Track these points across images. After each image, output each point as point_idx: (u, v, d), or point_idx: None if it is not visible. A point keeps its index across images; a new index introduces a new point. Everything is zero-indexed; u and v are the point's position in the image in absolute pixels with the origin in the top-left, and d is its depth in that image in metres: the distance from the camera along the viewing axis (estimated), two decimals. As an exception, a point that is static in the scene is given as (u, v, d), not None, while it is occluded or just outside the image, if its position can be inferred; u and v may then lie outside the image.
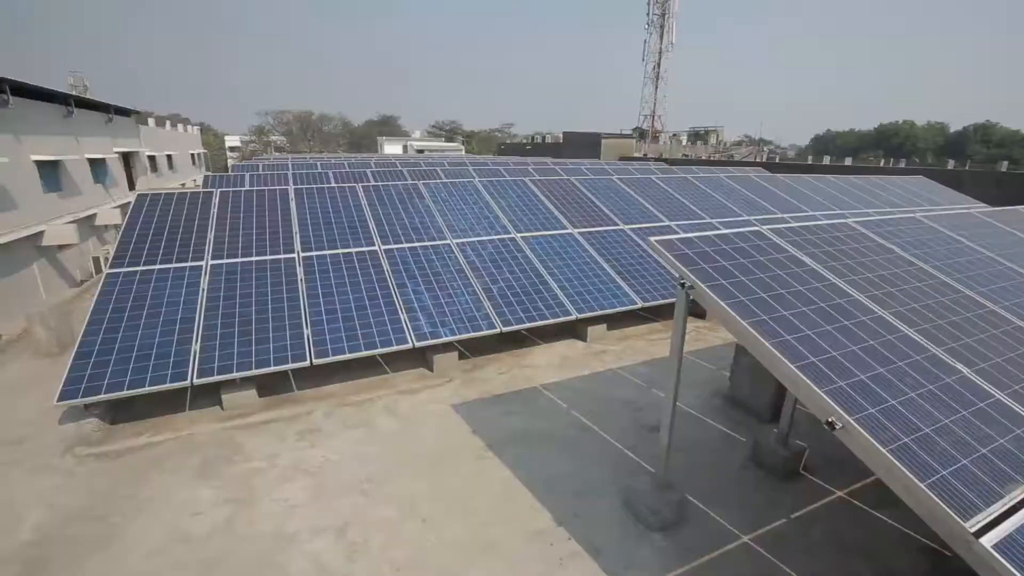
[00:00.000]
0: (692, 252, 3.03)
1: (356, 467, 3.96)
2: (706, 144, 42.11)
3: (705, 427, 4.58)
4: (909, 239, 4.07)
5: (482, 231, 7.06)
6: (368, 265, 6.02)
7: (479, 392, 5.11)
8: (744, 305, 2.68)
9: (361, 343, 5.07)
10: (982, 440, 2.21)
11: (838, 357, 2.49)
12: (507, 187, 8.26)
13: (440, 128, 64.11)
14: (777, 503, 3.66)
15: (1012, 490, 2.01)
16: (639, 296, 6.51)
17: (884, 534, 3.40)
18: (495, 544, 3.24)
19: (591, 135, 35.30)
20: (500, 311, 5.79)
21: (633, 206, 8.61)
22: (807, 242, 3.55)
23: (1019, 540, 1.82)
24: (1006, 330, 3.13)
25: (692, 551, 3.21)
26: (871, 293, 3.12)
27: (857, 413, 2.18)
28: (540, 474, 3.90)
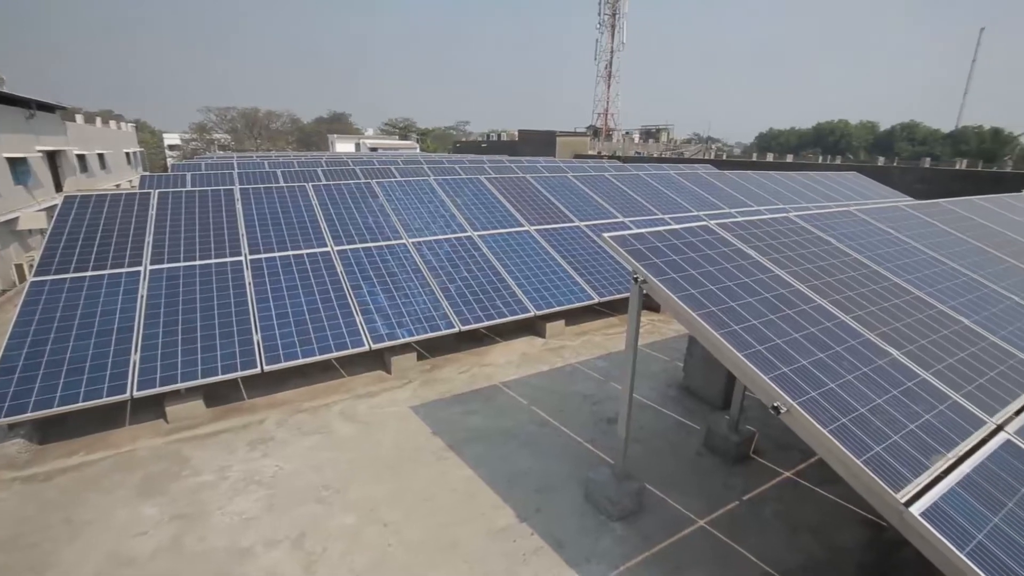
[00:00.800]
0: (644, 247, 3.10)
1: (312, 475, 3.84)
2: (657, 142, 43.26)
3: (661, 417, 4.71)
4: (844, 231, 4.31)
5: (438, 230, 6.99)
6: (320, 267, 5.85)
7: (439, 392, 5.06)
8: (694, 297, 2.77)
9: (315, 347, 4.92)
10: (910, 416, 2.37)
11: (782, 345, 2.61)
12: (463, 185, 8.22)
13: (393, 126, 62.98)
14: (730, 486, 3.81)
15: (936, 461, 2.17)
16: (596, 292, 6.62)
17: (828, 510, 3.60)
18: (458, 544, 3.22)
19: (547, 133, 35.60)
20: (458, 310, 5.76)
21: (588, 203, 8.74)
22: (752, 235, 3.70)
23: (943, 507, 1.96)
24: (930, 314, 3.37)
25: (651, 538, 3.30)
26: (811, 283, 3.29)
27: (800, 397, 2.29)
28: (502, 472, 3.90)
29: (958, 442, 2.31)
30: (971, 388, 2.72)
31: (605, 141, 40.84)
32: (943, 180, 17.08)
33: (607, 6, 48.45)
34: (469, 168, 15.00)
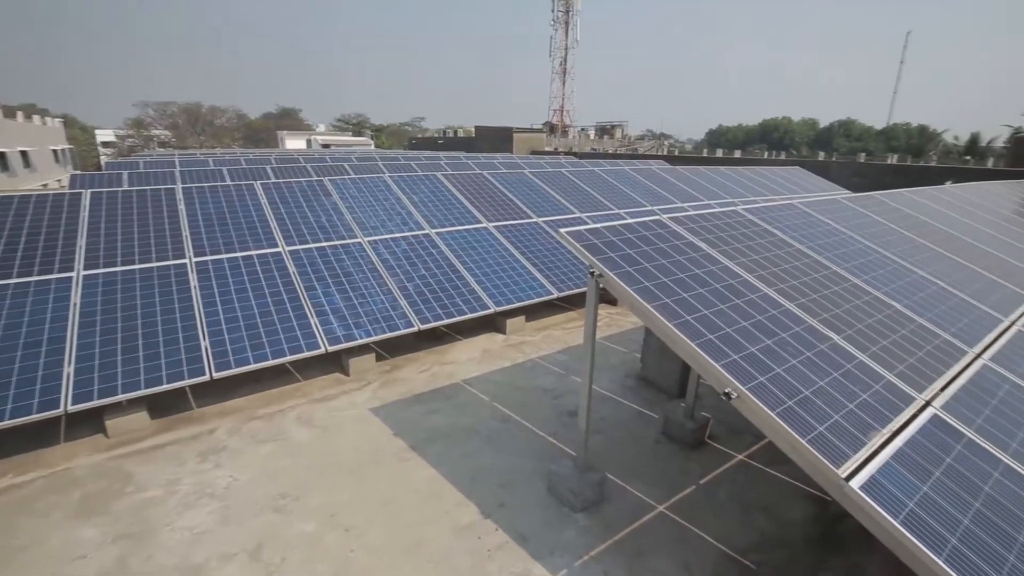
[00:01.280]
0: (600, 242, 3.15)
1: (269, 484, 3.72)
2: (612, 138, 44.03)
3: (620, 407, 4.81)
4: (788, 223, 4.52)
5: (395, 228, 6.88)
6: (272, 268, 5.64)
7: (399, 393, 4.99)
8: (648, 290, 2.84)
9: (268, 351, 4.75)
10: (849, 396, 2.52)
11: (732, 333, 2.71)
12: (419, 182, 8.11)
13: (346, 122, 61.39)
14: (687, 472, 3.94)
15: (872, 437, 2.31)
16: (555, 287, 6.68)
17: (778, 488, 3.78)
18: (422, 544, 3.19)
19: (503, 129, 35.57)
20: (417, 309, 5.69)
21: (546, 199, 8.80)
22: (703, 228, 3.82)
23: (879, 480, 2.09)
24: (866, 300, 3.58)
25: (613, 526, 3.37)
26: (758, 273, 3.43)
27: (749, 383, 2.39)
28: (465, 469, 3.89)
29: (891, 418, 2.47)
30: (902, 368, 2.91)
31: (561, 137, 41.23)
32: (876, 174, 18.18)
33: (560, 3, 48.79)
34: (425, 165, 14.83)
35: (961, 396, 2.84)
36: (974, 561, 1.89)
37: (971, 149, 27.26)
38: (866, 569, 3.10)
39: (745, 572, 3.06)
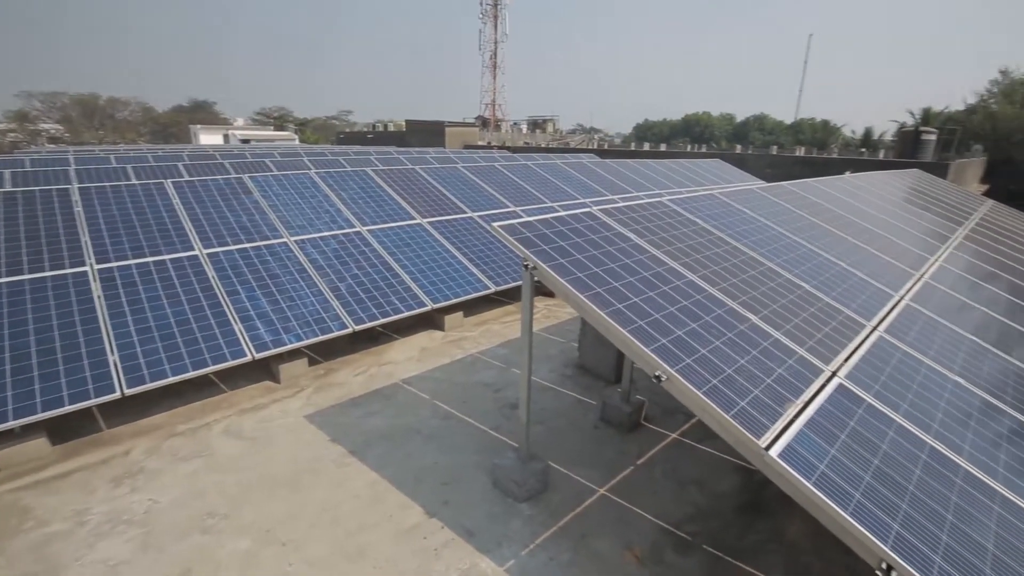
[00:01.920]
0: (533, 235, 3.18)
1: (195, 503, 3.47)
2: (544, 132, 44.59)
3: (560, 396, 4.91)
4: (709, 213, 4.77)
5: (323, 226, 6.60)
6: (188, 273, 5.25)
7: (335, 397, 4.82)
8: (581, 281, 2.91)
9: (188, 362, 4.42)
10: (766, 372, 2.71)
11: (660, 319, 2.83)
12: (348, 178, 7.83)
13: (267, 115, 58.10)
14: (625, 453, 4.09)
15: (787, 408, 2.50)
16: (492, 281, 6.69)
17: (709, 463, 4.01)
18: (366, 551, 3.11)
19: (435, 123, 35.05)
20: (351, 309, 5.50)
21: (480, 194, 8.78)
22: (631, 220, 3.96)
23: (794, 447, 2.27)
24: (780, 282, 3.86)
25: (558, 513, 3.44)
26: (683, 261, 3.60)
27: (677, 365, 2.51)
28: (407, 470, 3.83)
29: (804, 390, 2.68)
30: (812, 343, 3.17)
31: (494, 131, 41.25)
32: (787, 165, 19.63)
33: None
34: (354, 160, 14.34)
35: (861, 366, 3.13)
36: (874, 512, 2.09)
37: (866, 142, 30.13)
38: (787, 529, 3.37)
39: (682, 544, 3.22)
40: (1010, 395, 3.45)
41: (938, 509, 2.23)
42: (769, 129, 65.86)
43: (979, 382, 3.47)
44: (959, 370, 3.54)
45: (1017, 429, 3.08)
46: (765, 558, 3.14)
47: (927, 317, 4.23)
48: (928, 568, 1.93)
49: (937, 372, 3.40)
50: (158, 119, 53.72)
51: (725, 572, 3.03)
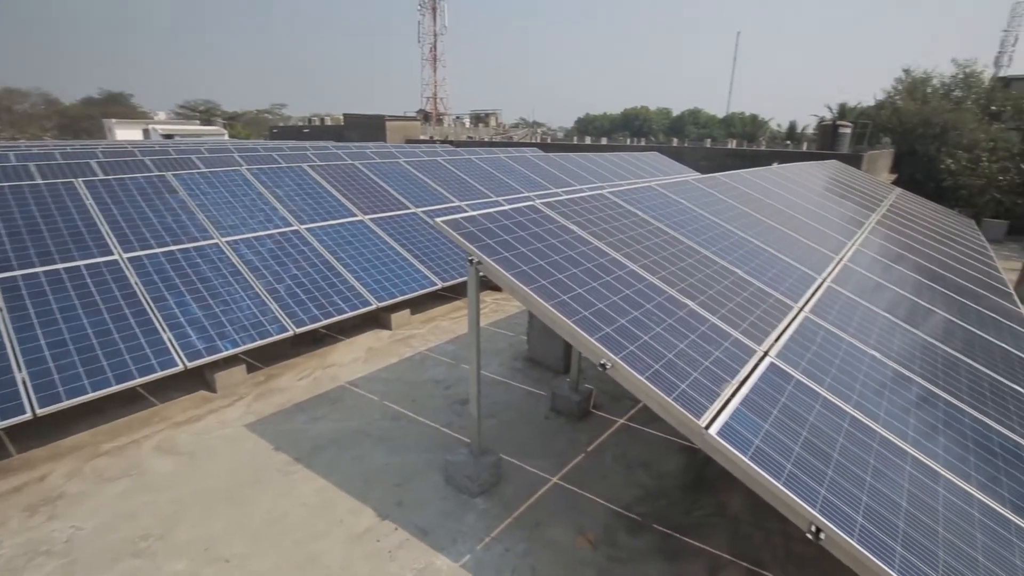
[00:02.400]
0: (477, 229, 3.16)
1: (125, 526, 3.24)
2: (487, 126, 44.48)
3: (511, 389, 4.94)
4: (648, 204, 4.92)
5: (257, 226, 6.29)
6: (107, 279, 4.86)
7: (277, 404, 4.62)
8: (526, 274, 2.93)
9: (110, 376, 4.10)
10: (704, 355, 2.84)
11: (604, 308, 2.90)
12: (283, 175, 7.49)
13: (192, 109, 54.54)
14: (576, 441, 4.17)
15: (724, 388, 2.63)
16: (438, 277, 6.62)
17: (655, 445, 4.16)
18: (316, 559, 3.02)
19: (375, 117, 34.08)
20: (291, 311, 5.28)
21: (423, 189, 8.64)
22: (573, 212, 4.02)
23: (732, 424, 2.39)
24: (715, 269, 4.04)
25: (512, 505, 3.47)
26: (624, 251, 3.70)
27: (621, 352, 2.58)
28: (357, 474, 3.73)
29: (739, 370, 2.83)
30: (745, 325, 3.34)
31: (436, 125, 40.70)
32: (720, 157, 20.54)
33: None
34: (290, 156, 13.74)
35: (790, 345, 3.34)
36: (804, 480, 2.24)
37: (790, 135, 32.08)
38: (729, 502, 3.55)
39: (633, 525, 3.33)
40: (918, 365, 3.80)
41: (859, 473, 2.42)
42: (703, 123, 68.81)
43: (891, 355, 3.79)
44: (874, 344, 3.85)
45: (924, 396, 3.39)
46: (710, 532, 3.30)
47: (846, 297, 4.56)
48: (851, 527, 2.10)
49: (856, 347, 3.68)
50: (65, 112, 49.22)
51: (674, 548, 3.17)
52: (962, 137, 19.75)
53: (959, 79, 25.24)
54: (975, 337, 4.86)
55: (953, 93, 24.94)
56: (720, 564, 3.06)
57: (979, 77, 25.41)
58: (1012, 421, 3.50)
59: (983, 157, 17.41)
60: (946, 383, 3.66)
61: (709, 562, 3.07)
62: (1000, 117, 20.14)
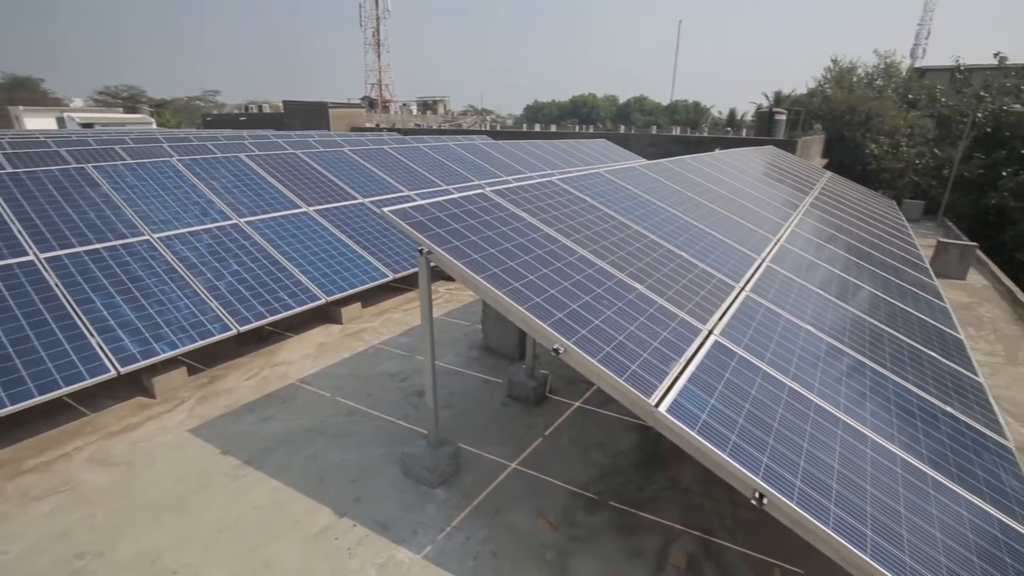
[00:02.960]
0: (426, 219, 3.11)
1: (57, 546, 3.02)
2: (435, 113, 43.71)
3: (467, 378, 4.93)
4: (596, 191, 5.00)
5: (192, 220, 5.94)
6: (22, 282, 4.47)
7: (223, 406, 4.42)
8: (477, 262, 2.91)
9: (32, 387, 3.79)
10: (653, 336, 2.93)
11: (555, 294, 2.93)
12: (219, 166, 7.09)
13: (114, 95, 50.56)
14: (533, 426, 4.23)
15: (672, 367, 2.73)
16: (389, 268, 6.49)
17: (610, 425, 4.28)
18: (272, 563, 2.93)
19: (317, 104, 32.76)
20: (233, 309, 5.05)
21: (371, 178, 8.41)
22: (523, 200, 4.03)
23: (680, 401, 2.49)
24: (662, 252, 4.17)
25: (472, 493, 3.48)
26: (574, 237, 3.75)
27: (573, 337, 2.63)
28: (312, 473, 3.64)
29: (685, 349, 2.94)
30: (691, 306, 3.47)
31: (383, 113, 39.62)
32: (665, 144, 21.10)
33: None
34: (226, 145, 13.02)
35: (733, 323, 3.50)
36: (747, 450, 2.37)
37: (730, 122, 33.33)
38: (680, 476, 3.71)
39: (590, 504, 3.42)
40: (848, 338, 4.07)
41: (796, 440, 2.58)
42: (649, 110, 70.42)
43: (824, 329, 4.05)
44: (809, 320, 4.09)
45: (854, 366, 3.64)
46: (664, 505, 3.44)
47: (784, 276, 4.82)
48: (790, 491, 2.24)
49: (793, 323, 3.90)
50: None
51: (630, 523, 3.28)
52: (884, 124, 21.16)
53: (880, 69, 26.96)
54: (897, 309, 5.26)
55: (876, 82, 26.63)
56: (673, 535, 3.20)
57: (898, 67, 27.25)
58: (928, 384, 3.83)
59: (902, 142, 18.74)
60: (872, 353, 3.95)
61: (663, 533, 3.21)
62: (916, 105, 21.68)
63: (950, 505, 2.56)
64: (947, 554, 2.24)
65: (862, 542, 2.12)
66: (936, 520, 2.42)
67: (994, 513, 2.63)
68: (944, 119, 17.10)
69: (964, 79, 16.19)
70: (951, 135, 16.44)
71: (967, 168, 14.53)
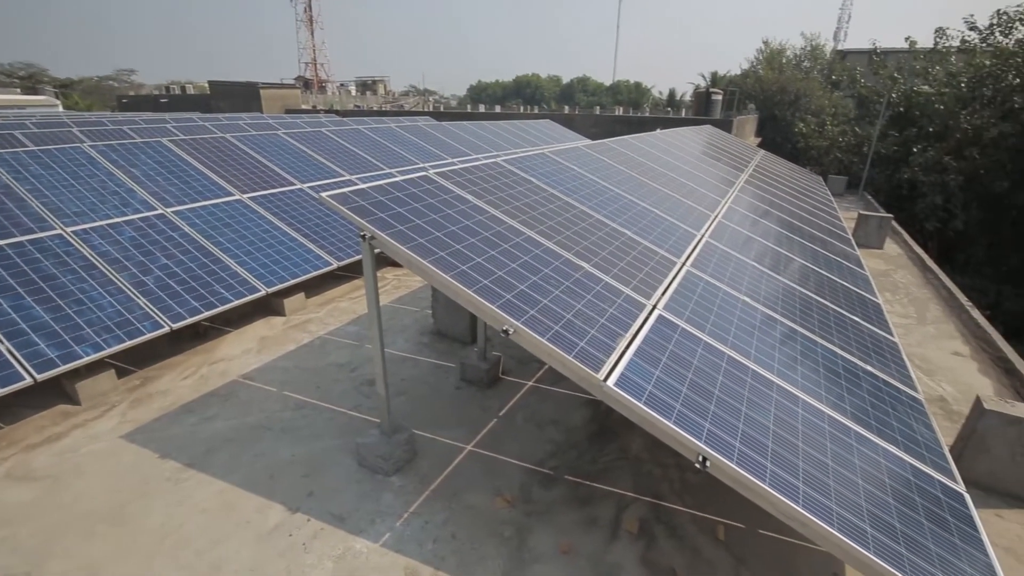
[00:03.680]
0: (367, 203, 3.02)
1: (-26, 569, 2.78)
2: (375, 94, 42.25)
3: (419, 364, 4.89)
4: (542, 171, 5.01)
5: (112, 211, 5.50)
6: (-88, 285, 4.00)
7: (160, 408, 4.18)
8: (423, 246, 2.86)
9: (-68, 400, 3.43)
10: (600, 312, 2.99)
11: (503, 276, 2.93)
12: (139, 152, 6.57)
13: (9, 75, 45.52)
14: (488, 408, 4.26)
15: (619, 342, 2.81)
16: (333, 256, 6.28)
17: (562, 402, 4.37)
18: (222, 566, 2.82)
19: (247, 85, 30.85)
20: (164, 305, 4.74)
21: (309, 163, 8.06)
22: (468, 181, 3.98)
23: (627, 375, 2.57)
24: (607, 231, 4.25)
25: (428, 478, 3.47)
26: (520, 218, 3.75)
27: (522, 317, 2.64)
28: (261, 470, 3.52)
29: (631, 324, 3.03)
30: (636, 282, 3.57)
31: (319, 94, 37.88)
32: (608, 124, 21.38)
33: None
34: (146, 130, 12.08)
35: (675, 297, 3.63)
36: (691, 417, 2.49)
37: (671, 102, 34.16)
38: (630, 445, 3.85)
39: (546, 479, 3.50)
40: (780, 307, 4.32)
41: (735, 405, 2.73)
42: (592, 90, 71.06)
43: (759, 299, 4.27)
44: (745, 291, 4.31)
45: (787, 333, 3.88)
46: (616, 475, 3.57)
47: (722, 251, 5.04)
48: (730, 452, 2.37)
49: (731, 295, 4.09)
50: None
51: (585, 495, 3.38)
52: (811, 104, 22.34)
53: (807, 51, 28.34)
54: (824, 278, 5.63)
55: (803, 64, 27.99)
56: (626, 502, 3.33)
57: (822, 50, 28.73)
58: (851, 346, 4.14)
59: (827, 122, 19.88)
60: (803, 320, 4.22)
61: (616, 502, 3.33)
62: (839, 86, 23.02)
63: (870, 455, 2.80)
64: (868, 498, 2.45)
65: (795, 494, 2.29)
66: (859, 469, 2.64)
67: (907, 459, 2.90)
68: (863, 99, 18.27)
69: (880, 62, 17.30)
70: (870, 114, 17.61)
71: (883, 145, 15.63)
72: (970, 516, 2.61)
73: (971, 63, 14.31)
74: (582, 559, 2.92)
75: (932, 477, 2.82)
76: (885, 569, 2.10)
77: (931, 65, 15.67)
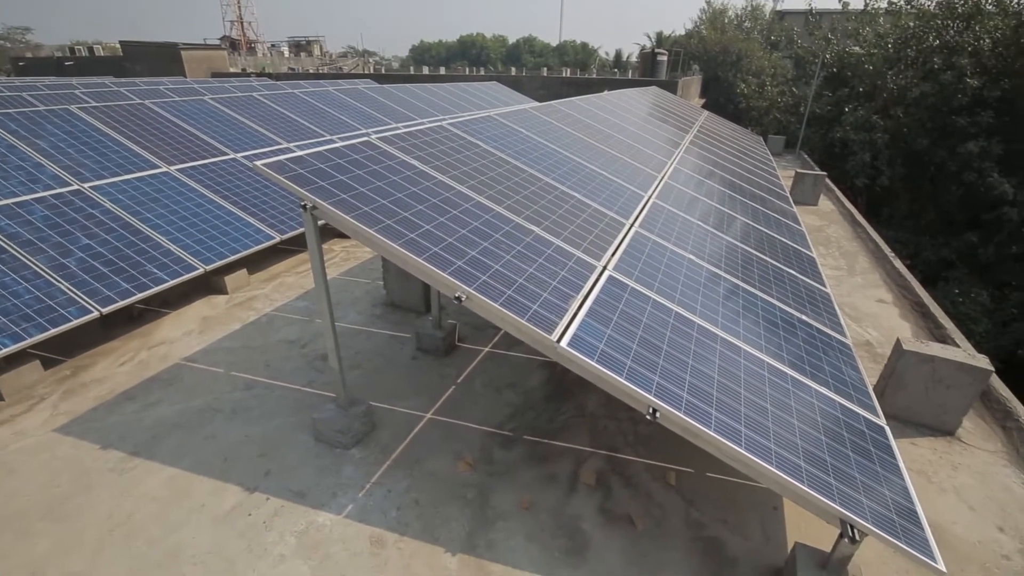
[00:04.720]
0: (306, 171, 2.88)
1: None
2: (310, 55, 39.77)
3: (373, 336, 4.82)
4: (490, 135, 4.91)
5: (18, 188, 5.00)
6: None
7: (96, 397, 3.94)
8: (369, 215, 2.77)
9: None
10: (551, 276, 3.02)
11: (453, 242, 2.89)
12: (44, 121, 5.95)
13: None
14: (445, 376, 4.27)
15: (571, 303, 2.85)
16: (275, 230, 6.00)
17: (519, 366, 4.44)
18: (180, 550, 2.75)
19: (166, 46, 28.28)
20: (91, 289, 4.41)
21: (241, 131, 7.56)
22: (413, 146, 3.85)
23: (580, 335, 2.63)
24: (556, 195, 4.25)
25: (389, 448, 3.48)
26: (469, 183, 3.68)
27: (474, 283, 2.63)
28: (213, 454, 3.41)
29: (582, 286, 3.08)
30: (586, 244, 3.61)
31: (248, 56, 35.30)
32: (556, 86, 21.14)
33: None
34: (50, 96, 10.94)
35: (624, 257, 3.71)
36: (641, 372, 2.58)
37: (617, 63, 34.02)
38: (586, 403, 3.98)
39: (506, 440, 3.58)
40: (724, 263, 4.50)
41: (682, 358, 2.86)
42: (538, 51, 69.69)
43: (704, 257, 4.43)
44: (691, 250, 4.45)
45: (730, 288, 4.06)
46: (573, 432, 3.69)
47: (668, 211, 5.16)
48: (678, 402, 2.49)
49: (677, 254, 4.22)
50: None
51: (544, 453, 3.49)
52: (752, 64, 22.81)
53: (748, 11, 28.73)
54: (764, 235, 5.89)
55: (744, 24, 28.40)
56: (583, 457, 3.46)
57: (762, 10, 29.20)
58: (788, 298, 4.38)
59: (767, 82, 20.41)
60: (744, 275, 4.42)
61: (574, 457, 3.46)
62: (778, 46, 23.57)
63: (804, 397, 3.02)
64: (802, 437, 2.66)
65: (737, 437, 2.44)
66: (794, 411, 2.85)
67: (837, 399, 3.15)
68: (800, 60, 18.84)
69: (815, 23, 17.80)
70: (806, 75, 18.20)
71: (818, 105, 16.27)
72: (889, 446, 2.88)
73: (897, 24, 14.98)
74: (543, 513, 3.03)
75: (858, 414, 3.08)
76: (817, 498, 2.30)
77: (862, 26, 16.28)
